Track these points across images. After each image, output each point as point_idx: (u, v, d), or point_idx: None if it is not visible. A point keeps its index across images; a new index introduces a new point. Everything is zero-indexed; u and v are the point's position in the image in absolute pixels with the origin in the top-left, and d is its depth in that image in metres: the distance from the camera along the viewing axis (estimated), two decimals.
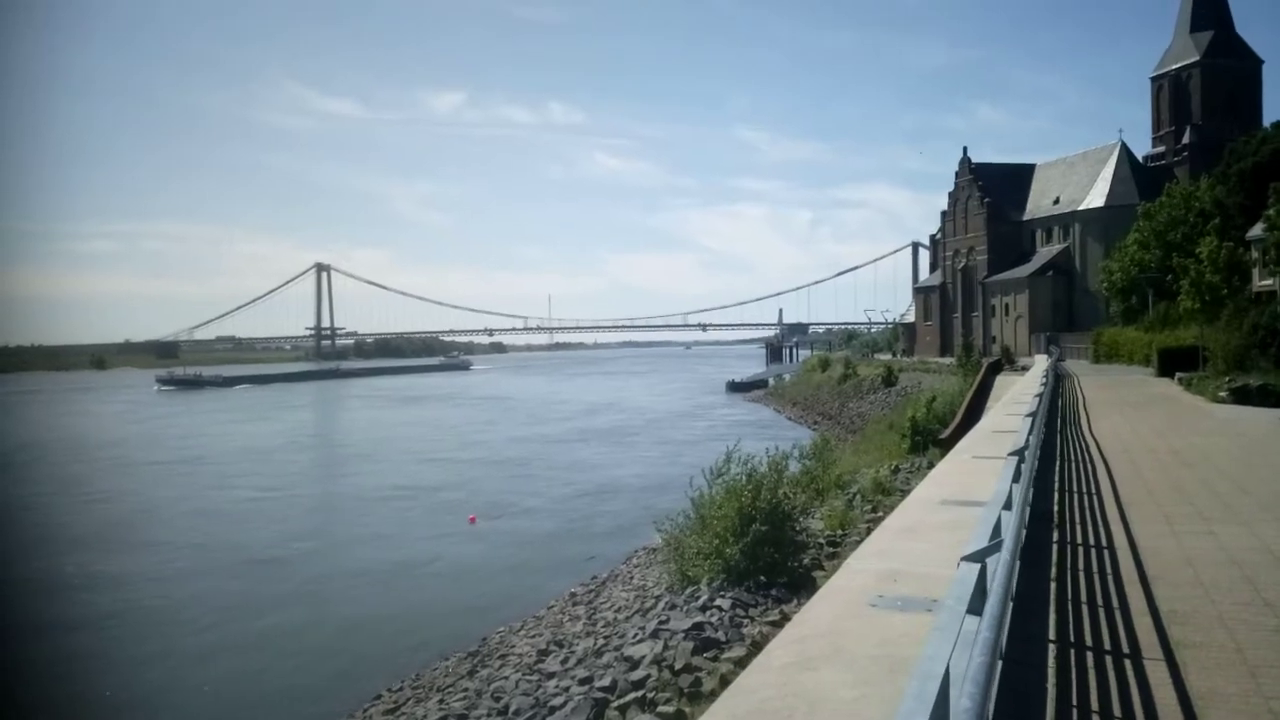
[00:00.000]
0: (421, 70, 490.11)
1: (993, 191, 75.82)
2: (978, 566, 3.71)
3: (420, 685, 14.47)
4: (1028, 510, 7.26)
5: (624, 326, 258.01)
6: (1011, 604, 4.99)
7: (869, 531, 14.26)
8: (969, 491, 8.24)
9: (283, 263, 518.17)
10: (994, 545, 4.12)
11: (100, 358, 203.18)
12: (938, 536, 6.82)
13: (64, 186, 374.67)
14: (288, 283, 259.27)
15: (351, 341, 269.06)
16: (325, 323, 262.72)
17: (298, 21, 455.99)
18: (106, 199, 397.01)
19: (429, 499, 33.75)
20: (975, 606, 3.37)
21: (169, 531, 28.69)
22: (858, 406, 57.52)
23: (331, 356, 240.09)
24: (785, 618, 10.30)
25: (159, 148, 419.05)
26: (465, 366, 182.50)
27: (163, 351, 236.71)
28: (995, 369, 43.10)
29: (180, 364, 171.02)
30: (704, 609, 10.63)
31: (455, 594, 20.76)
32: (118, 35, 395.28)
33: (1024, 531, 6.73)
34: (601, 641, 11.46)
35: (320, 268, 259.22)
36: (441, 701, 12.45)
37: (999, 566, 3.89)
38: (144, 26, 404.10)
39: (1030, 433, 9.08)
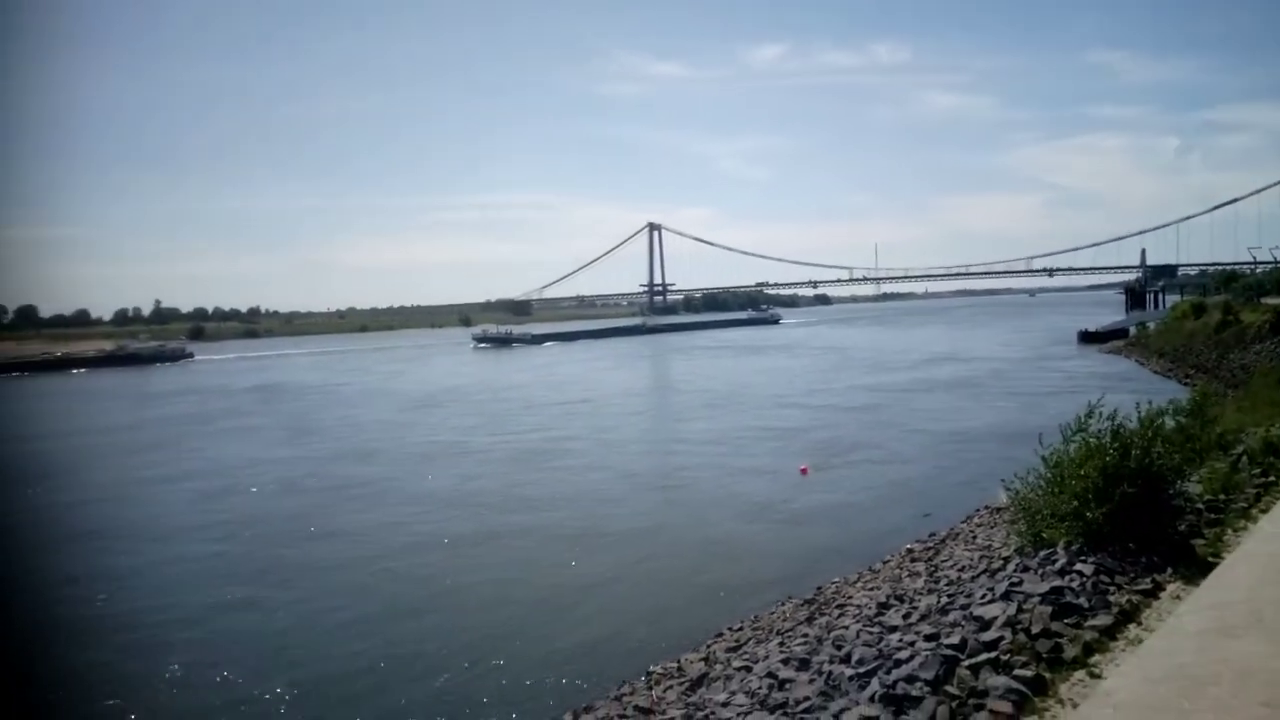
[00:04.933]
0: (742, 24, 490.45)
1: None
2: None
3: (760, 627, 14.96)
4: None
5: (959, 274, 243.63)
6: None
7: (1257, 497, 12.52)
8: None
9: (620, 224, 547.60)
10: None
11: (467, 316, 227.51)
12: None
13: (440, 166, 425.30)
14: (623, 243, 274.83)
15: (681, 297, 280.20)
16: (658, 279, 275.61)
17: None
18: (464, 174, 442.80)
19: (761, 445, 34.49)
20: None
21: (584, 459, 31.89)
22: (1240, 358, 50.12)
23: (663, 311, 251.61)
24: (1159, 587, 9.39)
25: (515, 126, 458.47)
26: (774, 320, 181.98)
27: (517, 310, 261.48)
28: None
29: (534, 320, 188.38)
30: (1062, 573, 9.90)
31: (788, 541, 21.16)
32: (479, 26, 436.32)
33: None
34: (946, 599, 11.09)
35: (652, 227, 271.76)
36: (782, 644, 12.78)
37: None
38: (504, 14, 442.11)
39: None
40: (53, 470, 35.64)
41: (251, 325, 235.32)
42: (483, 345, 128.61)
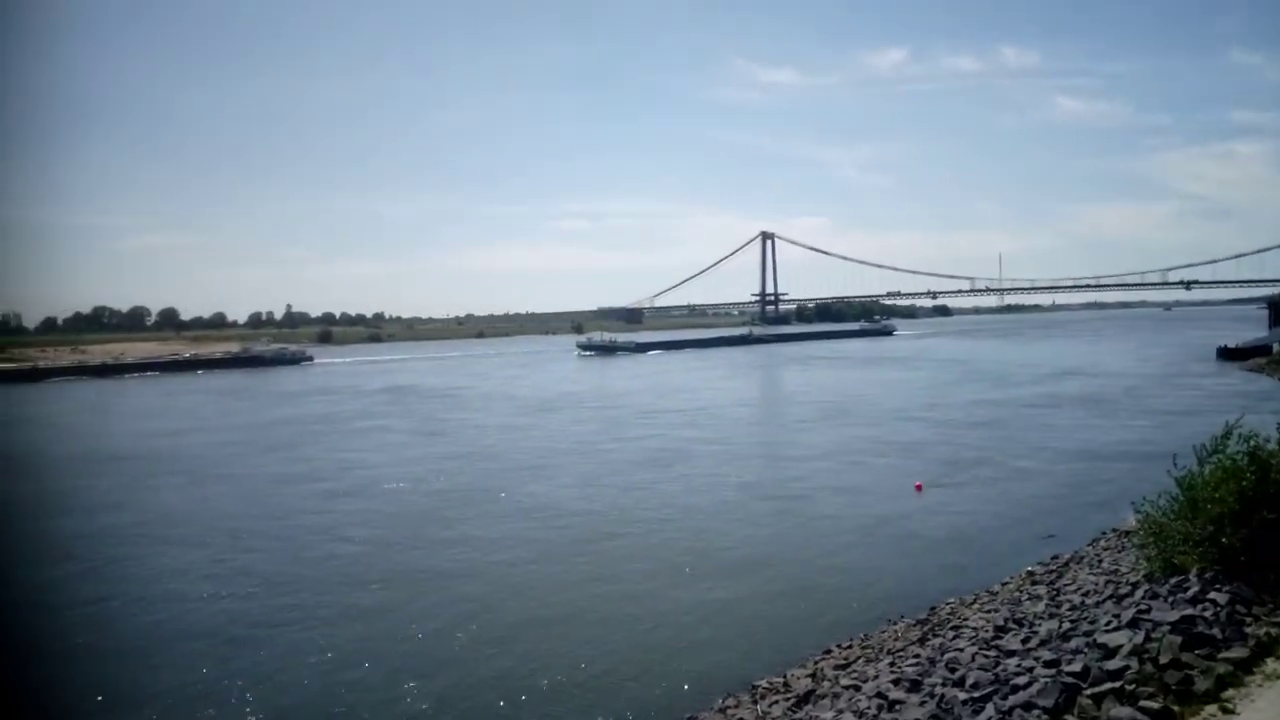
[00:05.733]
0: (860, 30, 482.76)
1: None
2: None
3: (869, 645, 14.70)
4: None
5: (1088, 286, 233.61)
6: None
7: None
8: None
9: (731, 233, 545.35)
10: None
11: (580, 324, 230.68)
12: None
13: (555, 174, 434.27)
14: (735, 251, 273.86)
15: (794, 306, 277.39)
16: (769, 289, 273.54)
17: None
18: (576, 182, 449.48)
19: (879, 460, 33.84)
20: None
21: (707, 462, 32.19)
22: None
23: (774, 321, 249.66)
24: None
25: (630, 134, 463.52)
26: (887, 332, 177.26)
27: (629, 318, 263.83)
28: None
29: (645, 328, 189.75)
30: (1194, 602, 9.44)
31: (903, 558, 20.70)
32: (595, 36, 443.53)
33: None
34: (1068, 625, 10.69)
35: (765, 236, 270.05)
36: (893, 665, 12.54)
37: None
38: (618, 23, 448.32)
39: None
40: (199, 466, 37.88)
41: (375, 330, 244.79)
42: (587, 353, 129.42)
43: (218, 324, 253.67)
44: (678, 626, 16.67)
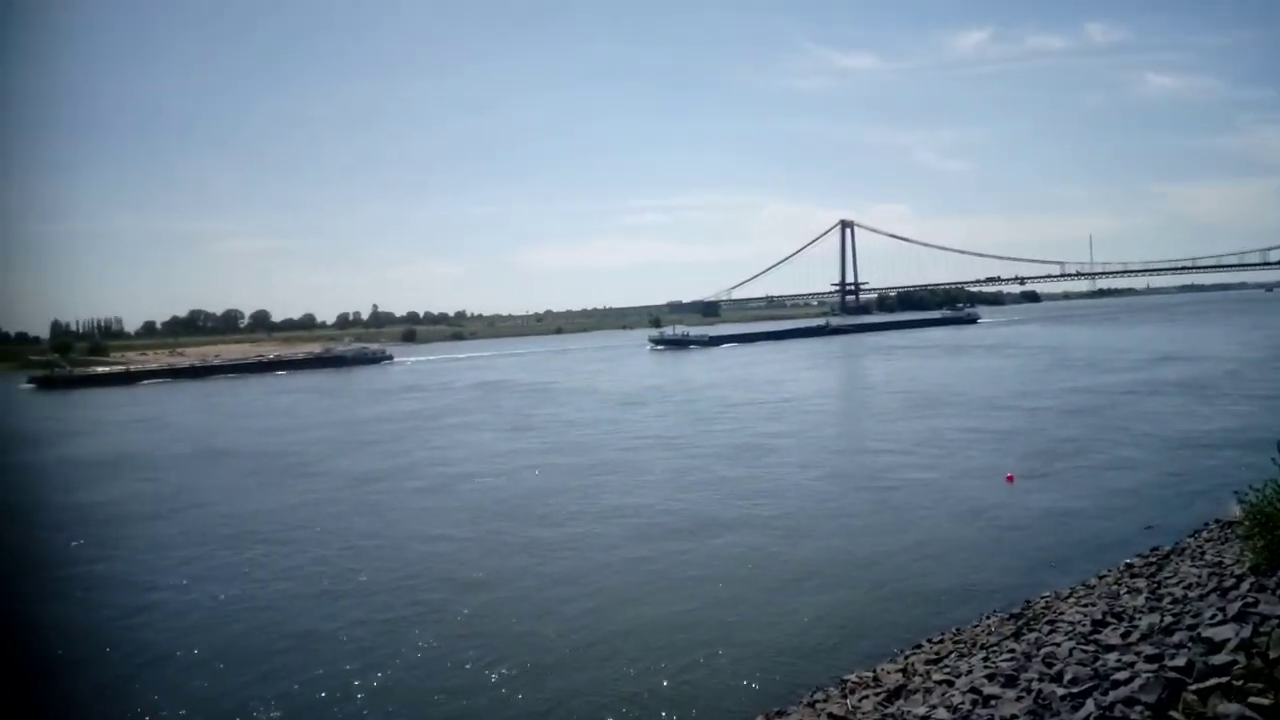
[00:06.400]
0: (941, 10, 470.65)
1: None
2: None
3: (962, 640, 14.54)
4: None
5: (1184, 268, 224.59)
6: None
7: None
8: None
9: (809, 223, 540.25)
10: None
11: (657, 318, 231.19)
12: None
13: (628, 168, 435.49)
14: (813, 241, 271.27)
15: (874, 295, 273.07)
16: (849, 278, 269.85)
17: None
18: (650, 176, 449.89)
19: (971, 449, 33.25)
20: None
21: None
22: None
23: (855, 311, 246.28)
24: None
25: (703, 125, 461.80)
26: (971, 320, 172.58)
27: (706, 311, 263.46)
28: None
29: (723, 321, 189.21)
30: None
31: (996, 551, 20.36)
32: (663, 25, 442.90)
33: None
34: (1170, 619, 10.46)
35: (844, 224, 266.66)
36: (986, 659, 12.42)
37: None
38: (687, 11, 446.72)
39: None
40: (301, 462, 39.39)
41: (457, 328, 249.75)
42: (659, 347, 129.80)
43: (307, 325, 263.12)
44: (766, 620, 16.72)
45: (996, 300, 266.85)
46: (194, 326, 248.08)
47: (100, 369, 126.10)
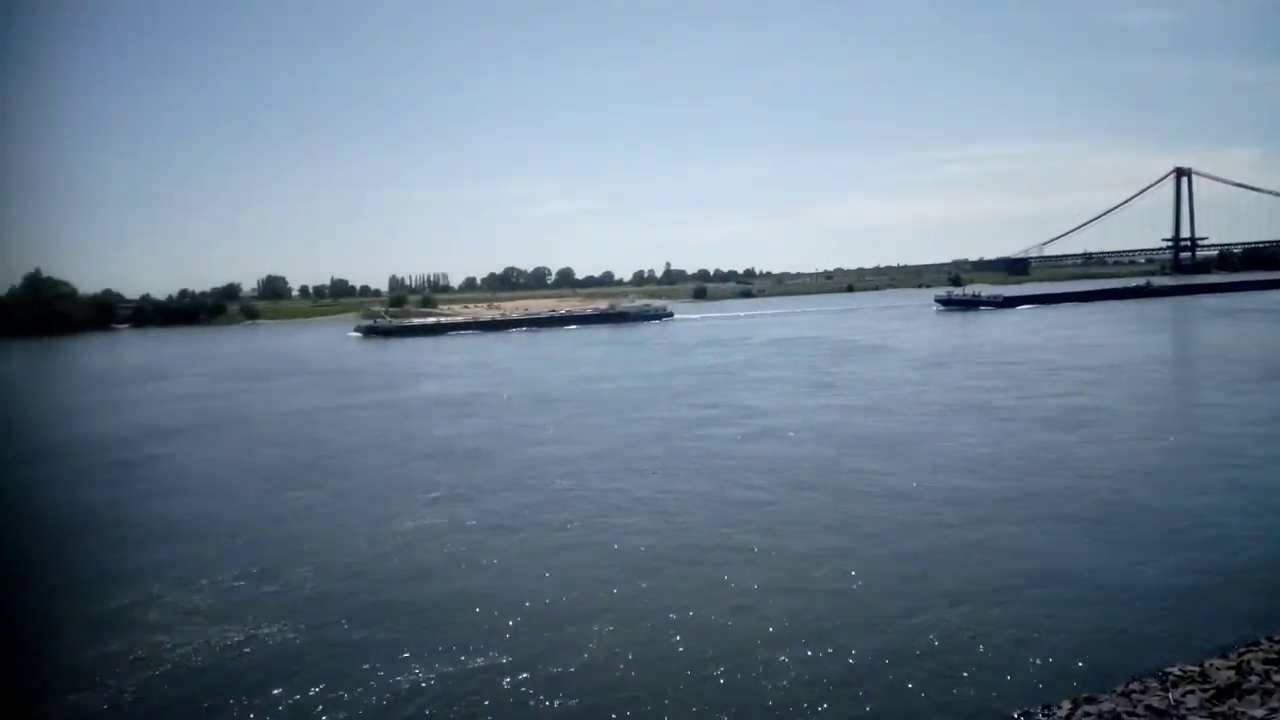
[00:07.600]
0: None
1: None
2: None
3: None
4: None
5: None
6: None
7: None
8: None
9: (1136, 171, 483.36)
10: None
11: (956, 275, 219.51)
12: None
13: (932, 116, 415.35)
14: (1141, 192, 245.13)
15: (1215, 253, 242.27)
16: (1185, 233, 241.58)
17: None
18: (955, 126, 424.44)
19: None
20: None
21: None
22: None
23: (1192, 270, 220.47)
24: None
25: (1011, 67, 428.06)
26: None
27: (1012, 269, 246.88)
28: None
29: (1032, 280, 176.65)
30: None
31: None
32: None
33: None
34: None
35: (1179, 172, 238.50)
36: None
37: None
38: None
39: None
40: (621, 408, 42.75)
41: (746, 285, 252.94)
42: (945, 308, 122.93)
43: (606, 282, 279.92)
44: (1088, 602, 15.91)
45: None
46: (508, 283, 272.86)
47: (414, 320, 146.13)
